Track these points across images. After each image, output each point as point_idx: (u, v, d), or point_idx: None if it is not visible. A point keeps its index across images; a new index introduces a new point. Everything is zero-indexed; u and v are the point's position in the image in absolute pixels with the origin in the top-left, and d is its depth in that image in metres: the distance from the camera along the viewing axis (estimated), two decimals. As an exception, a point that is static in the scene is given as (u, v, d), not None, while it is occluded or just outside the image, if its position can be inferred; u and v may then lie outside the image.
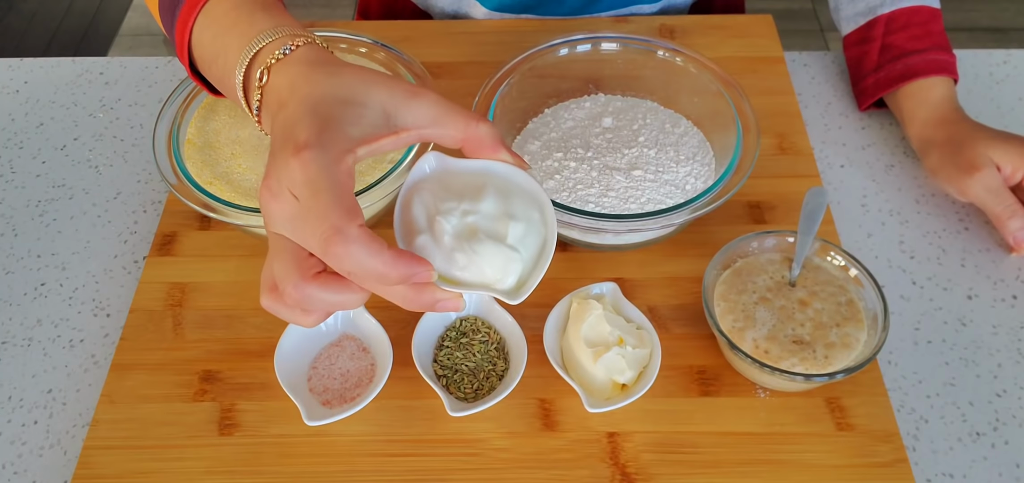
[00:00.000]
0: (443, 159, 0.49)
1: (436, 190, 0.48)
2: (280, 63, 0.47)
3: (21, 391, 0.60)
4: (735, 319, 0.57)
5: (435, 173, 0.49)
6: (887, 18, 0.75)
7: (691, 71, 0.70)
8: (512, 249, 0.46)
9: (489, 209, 0.47)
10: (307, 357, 0.58)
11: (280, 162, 0.43)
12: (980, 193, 0.65)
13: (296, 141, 0.42)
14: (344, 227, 0.41)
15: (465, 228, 0.46)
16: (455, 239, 0.46)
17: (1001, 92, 0.80)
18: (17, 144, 0.77)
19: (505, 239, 0.46)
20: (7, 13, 2.37)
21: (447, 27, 0.85)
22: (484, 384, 0.57)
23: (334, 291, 0.43)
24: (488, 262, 0.45)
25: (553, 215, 0.48)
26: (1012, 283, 0.65)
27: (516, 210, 0.47)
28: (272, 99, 0.47)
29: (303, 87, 0.45)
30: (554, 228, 0.48)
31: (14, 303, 0.65)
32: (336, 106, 0.44)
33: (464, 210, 0.46)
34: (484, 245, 0.45)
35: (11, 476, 0.56)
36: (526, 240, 0.47)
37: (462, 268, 0.46)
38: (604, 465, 0.54)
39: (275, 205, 0.43)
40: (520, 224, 0.47)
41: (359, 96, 0.45)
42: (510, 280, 0.46)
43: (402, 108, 0.45)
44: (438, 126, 0.46)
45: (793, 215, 0.68)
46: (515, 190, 0.48)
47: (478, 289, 0.46)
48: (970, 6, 2.27)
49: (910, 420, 0.57)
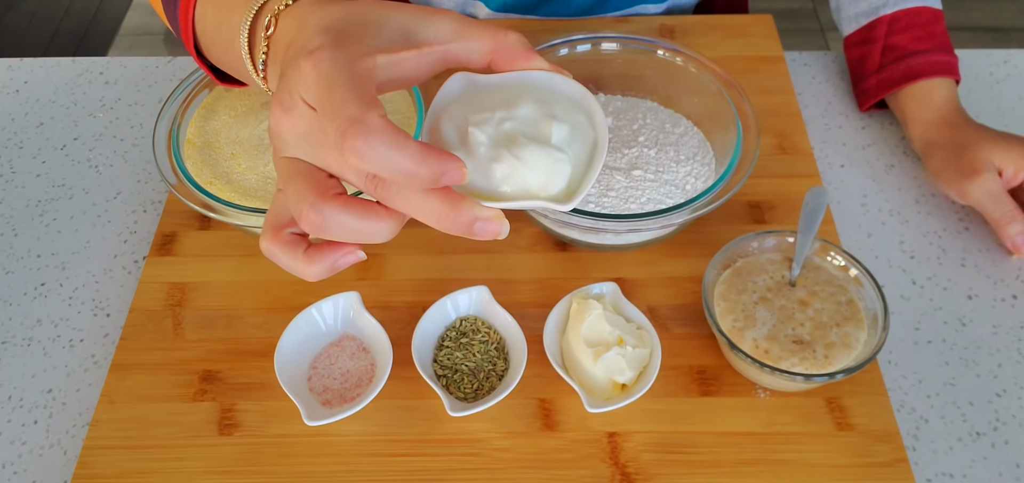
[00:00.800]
0: (471, 77, 0.44)
1: (466, 107, 0.42)
2: (288, 9, 0.43)
3: (21, 391, 0.60)
4: (735, 319, 0.57)
5: (464, 92, 0.44)
6: (889, 19, 0.75)
7: (691, 71, 0.70)
8: (558, 150, 0.40)
9: (528, 114, 0.41)
10: (307, 357, 0.58)
11: (291, 73, 0.38)
12: (980, 198, 0.65)
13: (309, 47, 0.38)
14: (363, 116, 0.36)
15: (502, 136, 0.40)
16: (492, 148, 0.40)
17: (1001, 92, 0.80)
18: (17, 144, 0.77)
19: (549, 141, 0.41)
20: (7, 12, 2.37)
21: (447, 27, 0.85)
22: (484, 384, 0.57)
23: (358, 214, 0.38)
24: (532, 168, 0.40)
25: (603, 118, 0.43)
26: (1012, 283, 0.65)
27: (558, 113, 0.42)
28: (280, 45, 0.43)
29: (313, 17, 0.41)
30: (606, 130, 0.43)
31: (14, 303, 0.65)
32: (351, 25, 0.40)
33: (500, 118, 0.41)
34: (526, 149, 0.40)
35: (11, 476, 0.56)
36: (573, 143, 0.42)
37: (503, 179, 0.40)
38: (604, 465, 0.54)
39: (287, 120, 0.38)
40: (565, 125, 0.41)
41: (375, 17, 0.41)
42: (558, 184, 0.41)
43: (423, 24, 0.41)
44: (463, 39, 0.42)
45: (793, 215, 0.68)
46: (556, 96, 0.43)
47: (523, 201, 0.40)
48: (970, 6, 2.27)
49: (910, 420, 0.57)
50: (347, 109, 0.36)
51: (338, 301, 0.60)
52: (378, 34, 0.40)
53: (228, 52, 0.49)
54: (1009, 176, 0.66)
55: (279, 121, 0.39)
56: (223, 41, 0.49)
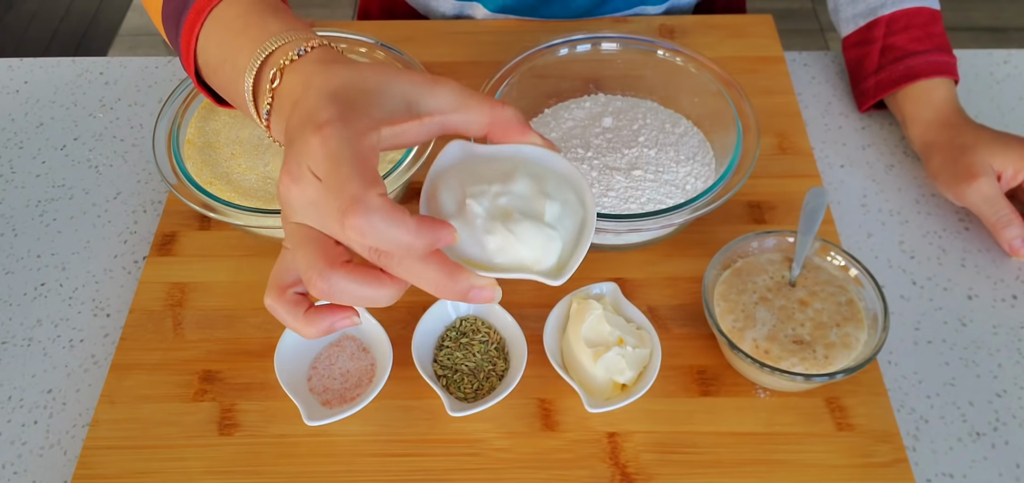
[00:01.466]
0: (469, 146, 0.46)
1: (464, 177, 0.45)
2: (293, 64, 0.45)
3: (21, 391, 0.60)
4: (735, 319, 0.57)
5: (462, 160, 0.46)
6: (888, 19, 0.75)
7: (691, 71, 0.70)
8: (550, 227, 0.43)
9: (522, 190, 0.44)
10: (307, 357, 0.58)
11: (299, 144, 0.40)
12: (977, 201, 0.65)
13: (316, 121, 0.40)
14: (363, 195, 0.38)
15: (498, 210, 0.43)
16: (488, 221, 0.43)
17: (1001, 92, 0.80)
18: (17, 144, 0.77)
19: (542, 217, 0.43)
20: (7, 13, 2.37)
21: (448, 27, 0.85)
22: (484, 384, 0.57)
23: (363, 282, 0.41)
24: (525, 243, 0.42)
25: (591, 195, 0.45)
26: (1012, 283, 0.65)
27: (551, 190, 0.44)
28: (285, 101, 0.45)
29: (318, 79, 0.43)
30: (593, 208, 0.45)
31: (14, 303, 0.65)
32: (356, 93, 0.42)
33: (496, 192, 0.43)
34: (520, 225, 0.42)
35: (11, 476, 0.56)
36: (564, 220, 0.44)
37: (497, 251, 0.43)
38: (604, 465, 0.54)
39: (295, 189, 0.40)
40: (556, 203, 0.44)
41: (379, 85, 0.43)
42: (549, 260, 0.43)
43: (425, 95, 0.44)
44: (462, 111, 0.44)
45: (793, 215, 0.68)
46: (548, 172, 0.46)
47: (515, 273, 0.42)
48: (970, 6, 2.27)
49: (910, 420, 0.57)
50: (350, 188, 0.39)
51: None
52: (382, 104, 0.42)
53: (230, 90, 0.51)
54: (1008, 178, 0.66)
55: (288, 190, 0.41)
56: (225, 79, 0.51)
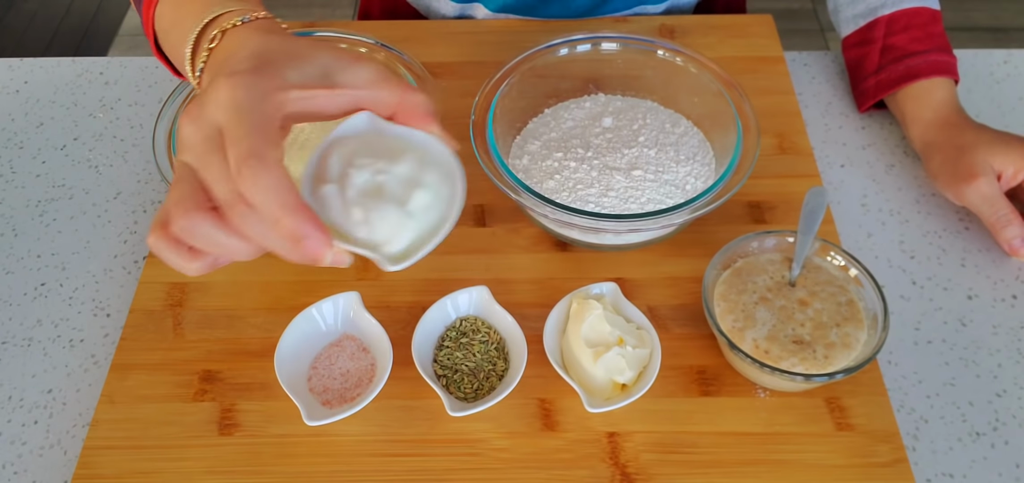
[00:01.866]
0: (375, 120, 0.48)
1: (358, 146, 0.47)
2: (235, 29, 0.47)
3: (21, 391, 0.60)
4: (735, 319, 0.57)
5: (363, 131, 0.48)
6: (888, 19, 0.75)
7: (691, 71, 0.70)
8: (409, 216, 0.45)
9: (401, 172, 0.46)
10: (307, 357, 0.58)
11: (210, 88, 0.42)
12: (976, 201, 0.65)
13: (230, 69, 0.42)
14: (264, 152, 0.40)
15: (372, 185, 0.45)
16: (360, 194, 0.45)
17: (1001, 92, 0.80)
18: (17, 144, 0.77)
19: (406, 204, 0.45)
20: (7, 12, 2.37)
21: (448, 27, 0.85)
22: (484, 384, 0.57)
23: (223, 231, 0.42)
24: (382, 222, 0.45)
25: (462, 197, 0.47)
26: (1012, 283, 0.65)
27: (428, 180, 0.47)
28: (218, 58, 0.47)
29: (251, 39, 0.46)
30: (458, 209, 0.47)
31: (14, 303, 0.65)
32: (277, 54, 0.44)
33: (378, 168, 0.46)
34: (383, 206, 0.45)
35: (11, 476, 0.56)
36: (429, 211, 0.46)
37: (356, 223, 0.45)
38: (604, 465, 0.54)
39: (191, 127, 0.42)
40: (427, 194, 0.46)
41: (302, 52, 0.45)
42: (399, 245, 0.45)
43: (342, 69, 0.45)
44: (374, 88, 0.46)
45: (793, 215, 0.68)
46: (435, 164, 0.48)
47: (362, 250, 0.45)
48: (970, 6, 2.27)
49: (910, 420, 0.57)
50: (251, 140, 0.40)
51: (338, 301, 0.60)
52: (300, 68, 0.44)
53: (176, 54, 0.53)
54: (1008, 177, 0.66)
55: (184, 127, 0.42)
56: (174, 42, 0.53)
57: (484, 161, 0.63)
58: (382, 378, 0.55)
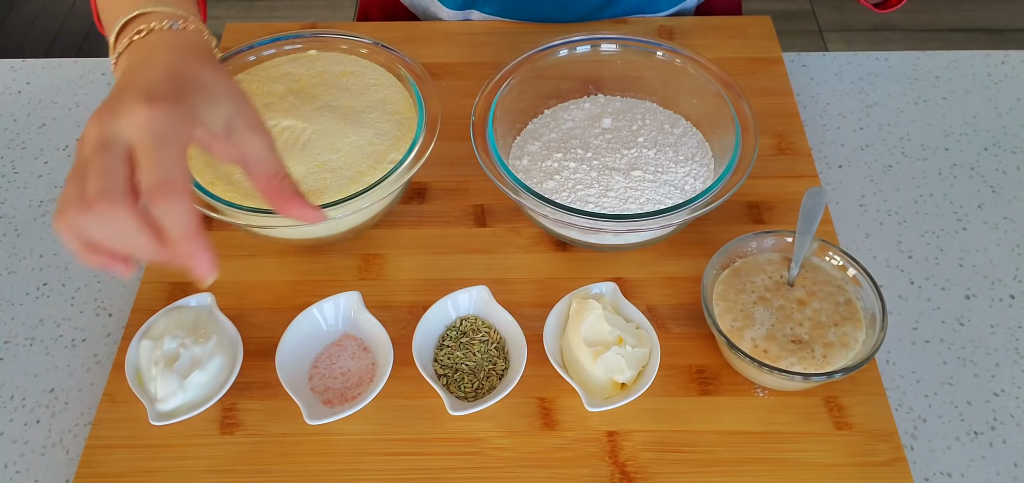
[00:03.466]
0: (209, 303, 0.61)
1: (183, 320, 0.59)
2: (163, 32, 0.51)
3: (23, 390, 0.60)
4: (734, 319, 0.58)
5: (196, 308, 0.61)
6: None
7: (690, 72, 0.70)
8: (183, 389, 0.56)
9: (195, 352, 0.57)
10: (308, 357, 0.59)
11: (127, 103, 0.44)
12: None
13: (151, 93, 0.45)
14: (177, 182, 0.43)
15: (172, 354, 0.57)
16: (162, 356, 0.56)
17: (999, 93, 0.80)
18: (20, 145, 0.78)
19: (185, 378, 0.56)
20: (9, 14, 2.37)
21: (448, 28, 0.86)
22: (484, 383, 0.57)
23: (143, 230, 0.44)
24: (164, 384, 0.55)
25: (231, 381, 0.57)
26: (1010, 283, 0.65)
27: (210, 364, 0.57)
28: (137, 55, 0.51)
29: (173, 54, 0.49)
30: (225, 389, 0.57)
31: (16, 303, 0.66)
32: (196, 84, 0.47)
33: (183, 343, 0.57)
34: (170, 373, 0.56)
35: (13, 475, 0.56)
36: (201, 388, 0.56)
37: (150, 377, 0.56)
38: (604, 464, 0.55)
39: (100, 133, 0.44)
40: (204, 375, 0.56)
41: (218, 90, 0.48)
42: (165, 406, 0.55)
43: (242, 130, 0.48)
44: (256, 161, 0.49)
45: (792, 215, 0.68)
46: (226, 349, 0.58)
47: (141, 397, 0.56)
48: (968, 7, 2.27)
49: (908, 419, 0.58)
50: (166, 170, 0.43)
51: (339, 301, 0.60)
52: (211, 109, 0.47)
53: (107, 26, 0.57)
54: None
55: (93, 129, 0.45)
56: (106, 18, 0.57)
57: (484, 161, 0.63)
58: (383, 378, 0.56)
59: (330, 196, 0.61)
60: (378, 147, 0.65)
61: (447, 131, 0.71)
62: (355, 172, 0.63)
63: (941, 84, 0.81)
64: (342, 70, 0.71)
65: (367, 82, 0.70)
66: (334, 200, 0.60)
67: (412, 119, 0.67)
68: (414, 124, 0.67)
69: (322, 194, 0.61)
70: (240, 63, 0.71)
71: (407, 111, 0.68)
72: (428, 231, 0.68)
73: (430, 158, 0.64)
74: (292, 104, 0.68)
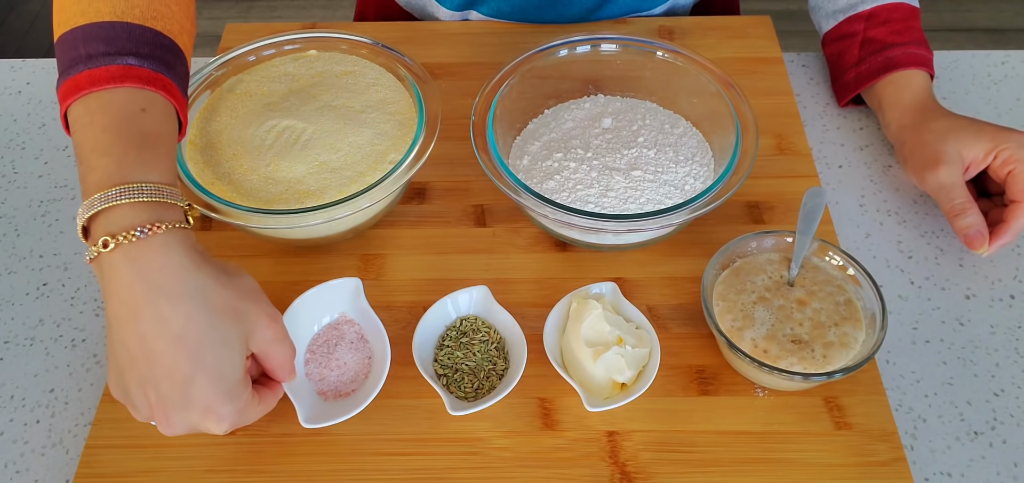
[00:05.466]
0: None
1: None
2: (130, 246, 0.47)
3: (23, 390, 0.60)
4: (734, 319, 0.58)
5: None
6: (867, 14, 0.75)
7: (690, 72, 0.70)
8: None
9: None
10: (305, 336, 0.59)
11: (205, 402, 0.48)
12: (935, 187, 0.66)
13: (204, 404, 0.48)
14: (239, 404, 0.50)
15: None
16: None
17: (999, 93, 0.80)
18: (20, 145, 0.78)
19: None
20: (9, 14, 2.37)
21: (447, 28, 0.86)
22: (484, 383, 0.57)
23: None
24: None
25: None
26: (1010, 283, 0.65)
27: None
28: (117, 284, 0.47)
29: (211, 316, 0.48)
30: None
31: (16, 303, 0.66)
32: (222, 347, 0.48)
33: None
34: None
35: (13, 475, 0.56)
36: None
37: None
38: (604, 464, 0.55)
39: (146, 412, 0.49)
40: None
41: (253, 315, 0.51)
42: None
43: (272, 344, 0.52)
44: (281, 375, 0.54)
45: (792, 215, 0.68)
46: None
47: None
48: (968, 7, 2.27)
49: (908, 419, 0.58)
50: (236, 411, 0.50)
51: (335, 283, 0.60)
52: (246, 346, 0.50)
53: (81, 178, 0.50)
54: (978, 161, 0.65)
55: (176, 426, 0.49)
56: (80, 170, 0.50)
57: (484, 161, 0.63)
58: (381, 377, 0.56)
59: (330, 196, 0.61)
60: (378, 147, 0.65)
61: (447, 131, 0.71)
62: (355, 172, 0.63)
63: (941, 84, 0.81)
64: (342, 70, 0.71)
65: (367, 82, 0.70)
66: (334, 200, 0.60)
67: (412, 119, 0.67)
68: (414, 124, 0.67)
69: (322, 194, 0.61)
70: (240, 63, 0.72)
71: (407, 111, 0.68)
72: (428, 231, 0.68)
73: (430, 158, 0.64)
74: (292, 104, 0.68)
